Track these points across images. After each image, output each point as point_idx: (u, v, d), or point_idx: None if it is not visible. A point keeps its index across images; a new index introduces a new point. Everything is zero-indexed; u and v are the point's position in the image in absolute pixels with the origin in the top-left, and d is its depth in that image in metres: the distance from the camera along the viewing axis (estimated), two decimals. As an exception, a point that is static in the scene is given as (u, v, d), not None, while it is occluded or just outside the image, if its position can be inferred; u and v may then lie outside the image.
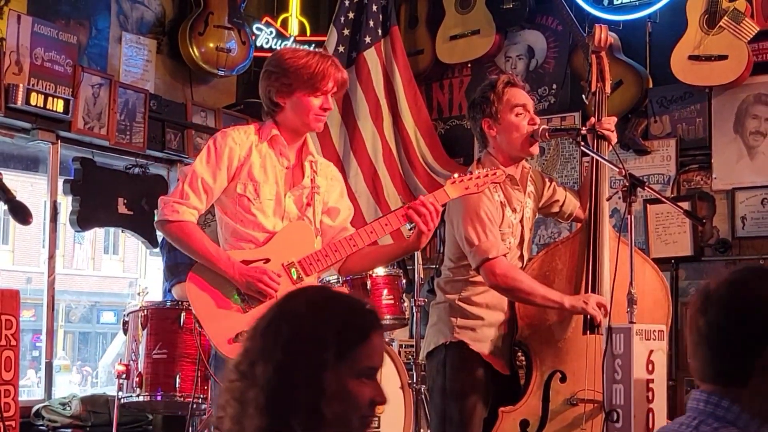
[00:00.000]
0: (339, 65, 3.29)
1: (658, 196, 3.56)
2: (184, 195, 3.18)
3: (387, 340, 5.06)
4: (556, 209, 3.77)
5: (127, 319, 4.85)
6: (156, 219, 3.25)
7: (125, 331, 4.86)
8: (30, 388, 9.78)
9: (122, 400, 4.77)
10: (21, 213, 2.82)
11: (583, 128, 3.61)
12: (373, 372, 1.73)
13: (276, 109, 3.27)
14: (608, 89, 3.67)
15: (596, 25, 3.72)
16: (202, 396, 4.28)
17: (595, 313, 3.34)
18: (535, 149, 3.57)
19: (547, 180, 3.76)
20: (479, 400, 3.48)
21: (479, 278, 3.50)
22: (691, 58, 5.44)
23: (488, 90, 3.57)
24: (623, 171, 3.27)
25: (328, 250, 3.23)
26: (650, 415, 3.06)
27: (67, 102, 5.41)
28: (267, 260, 3.18)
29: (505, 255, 3.43)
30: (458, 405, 3.48)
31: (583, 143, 3.55)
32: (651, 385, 3.08)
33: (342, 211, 3.42)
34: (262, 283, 3.10)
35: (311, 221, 3.29)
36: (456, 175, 3.34)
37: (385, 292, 4.88)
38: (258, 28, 6.58)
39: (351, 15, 6.51)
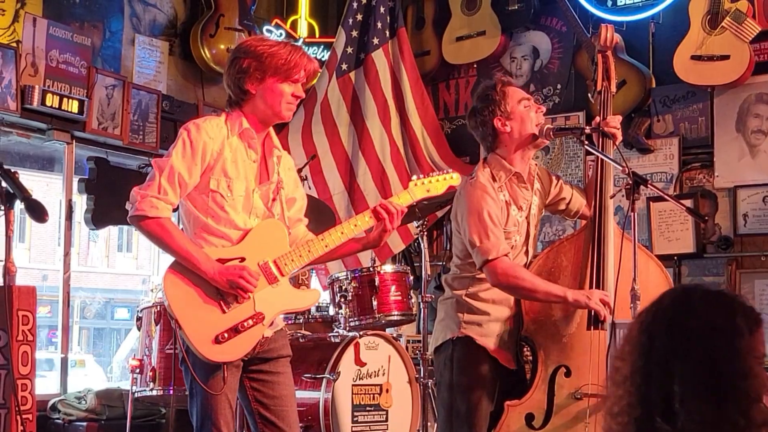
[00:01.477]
0: (310, 56, 3.22)
1: (661, 194, 3.55)
2: (162, 190, 3.04)
3: (395, 335, 5.07)
4: (562, 207, 3.76)
5: (140, 315, 4.87)
6: (131, 213, 3.07)
7: (139, 327, 4.88)
8: (45, 380, 9.80)
9: (136, 394, 4.80)
10: (37, 211, 2.82)
11: (588, 127, 3.60)
12: (764, 357, 1.80)
13: (245, 97, 3.16)
14: (614, 88, 3.65)
15: (602, 24, 3.71)
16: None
17: (598, 308, 3.33)
18: (540, 142, 3.57)
19: (554, 178, 3.75)
20: (486, 393, 3.47)
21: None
22: (694, 58, 5.42)
23: (491, 91, 3.56)
24: (627, 169, 3.26)
25: (302, 250, 3.17)
26: (654, 408, 3.05)
27: (81, 103, 5.42)
28: (242, 259, 3.10)
29: (507, 255, 3.42)
30: (465, 398, 3.48)
31: (587, 142, 3.54)
32: (654, 380, 3.07)
33: (297, 200, 3.35)
34: (244, 279, 3.02)
35: (275, 215, 3.21)
36: (415, 177, 3.37)
37: (393, 288, 4.89)
38: (268, 30, 6.58)
39: (359, 17, 6.51)
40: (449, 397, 3.52)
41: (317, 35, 6.88)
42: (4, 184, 2.87)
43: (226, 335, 3.03)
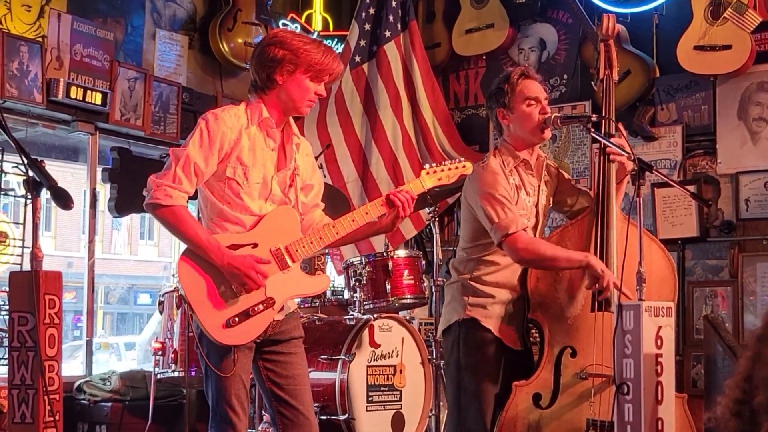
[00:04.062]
0: (340, 61, 3.21)
1: (666, 180, 3.54)
2: (176, 179, 3.02)
3: (408, 318, 5.08)
4: (566, 208, 3.76)
5: (162, 299, 4.90)
6: (146, 201, 3.05)
7: (161, 311, 4.91)
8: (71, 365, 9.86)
9: (158, 376, 4.83)
10: (62, 198, 2.83)
11: (594, 115, 3.59)
12: None
13: (270, 85, 3.13)
14: (615, 76, 3.65)
15: (604, 14, 3.71)
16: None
17: (607, 282, 3.29)
18: (546, 134, 3.57)
19: (562, 178, 3.74)
20: (492, 372, 3.48)
21: (491, 258, 3.51)
22: (697, 48, 5.39)
23: (503, 82, 3.58)
24: (632, 156, 3.25)
25: (313, 237, 3.16)
26: (659, 387, 3.06)
27: (104, 95, 5.45)
28: (255, 245, 3.09)
29: (525, 229, 3.42)
30: (473, 377, 3.49)
31: (593, 129, 3.54)
32: (660, 360, 3.07)
33: (315, 186, 3.34)
34: (254, 270, 3.02)
35: (291, 201, 3.21)
36: (427, 166, 3.35)
37: (406, 272, 4.89)
38: (284, 24, 6.58)
39: (372, 11, 6.50)
40: (457, 377, 3.54)
41: (331, 29, 6.88)
42: (31, 173, 2.88)
43: (237, 319, 3.04)
